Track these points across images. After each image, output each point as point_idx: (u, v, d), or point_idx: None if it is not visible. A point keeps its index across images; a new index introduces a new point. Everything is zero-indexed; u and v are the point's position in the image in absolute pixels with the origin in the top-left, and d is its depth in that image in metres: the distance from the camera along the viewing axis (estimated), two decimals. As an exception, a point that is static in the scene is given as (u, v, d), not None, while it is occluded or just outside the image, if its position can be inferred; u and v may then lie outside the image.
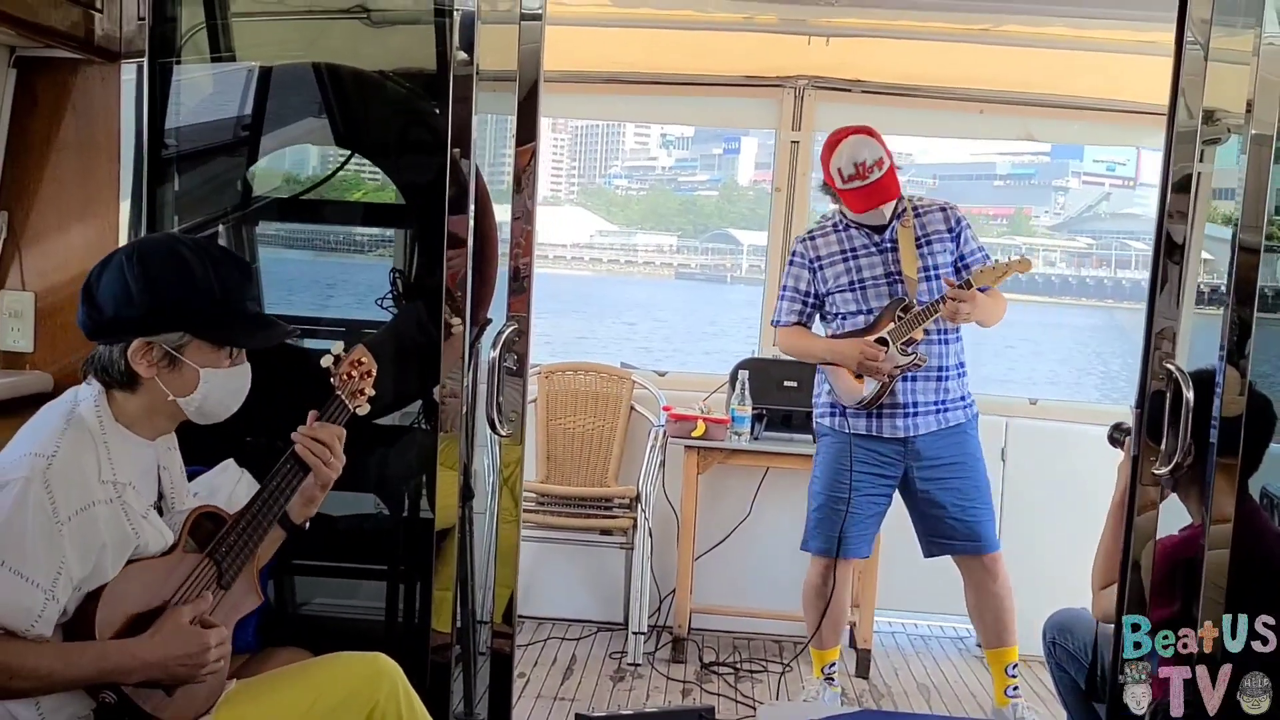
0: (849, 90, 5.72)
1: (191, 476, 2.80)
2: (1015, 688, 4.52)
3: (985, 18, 4.94)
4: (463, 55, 3.03)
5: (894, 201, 4.37)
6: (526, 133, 3.37)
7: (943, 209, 4.48)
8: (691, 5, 4.84)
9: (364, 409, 2.67)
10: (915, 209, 4.45)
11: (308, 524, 2.69)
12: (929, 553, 4.52)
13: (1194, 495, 3.12)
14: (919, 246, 4.40)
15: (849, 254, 4.46)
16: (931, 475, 4.43)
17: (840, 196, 4.39)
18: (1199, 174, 3.95)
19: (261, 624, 3.09)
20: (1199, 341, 3.46)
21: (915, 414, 4.39)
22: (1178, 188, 3.16)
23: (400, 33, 3.42)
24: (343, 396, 2.64)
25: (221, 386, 2.47)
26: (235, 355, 2.49)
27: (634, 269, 42.09)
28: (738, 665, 5.22)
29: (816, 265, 4.49)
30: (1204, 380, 3.07)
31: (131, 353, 2.37)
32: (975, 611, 4.55)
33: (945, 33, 5.22)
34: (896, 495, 4.53)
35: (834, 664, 4.74)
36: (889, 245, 4.41)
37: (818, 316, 4.58)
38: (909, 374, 4.35)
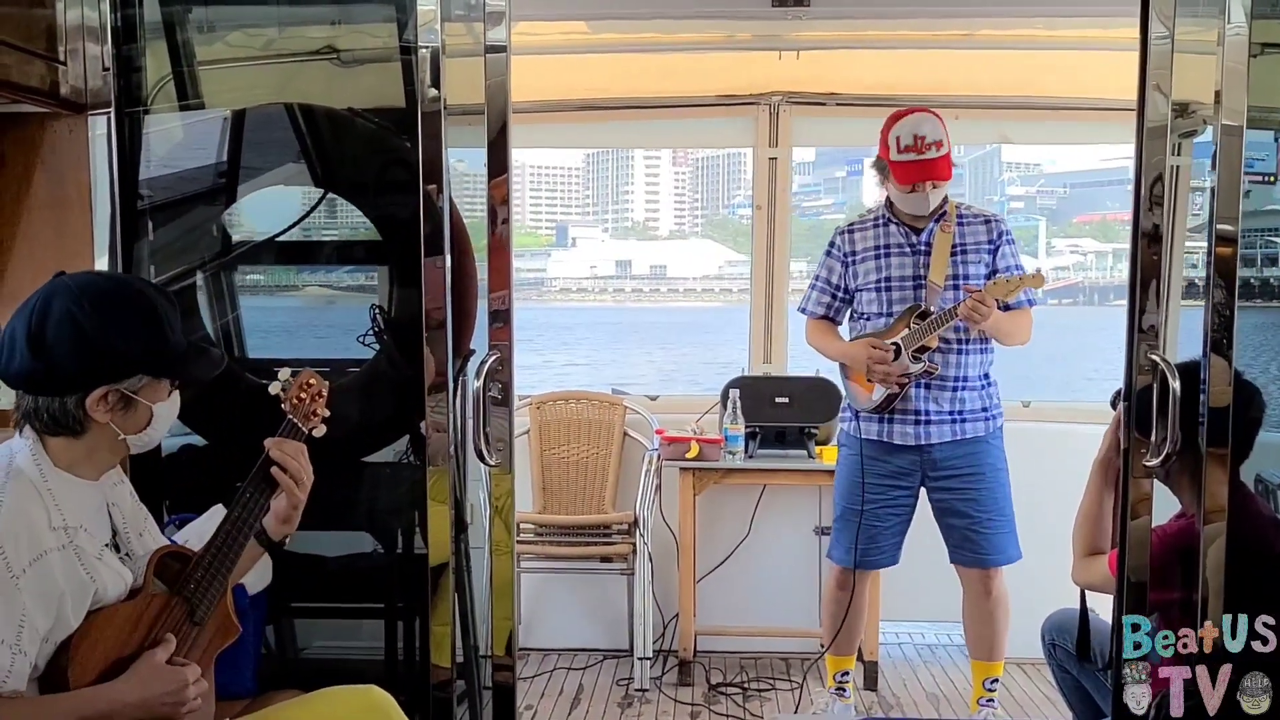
0: (824, 104, 5.75)
1: (181, 524, 2.80)
2: (990, 699, 4.50)
3: (958, 23, 4.94)
4: (431, 91, 3.03)
5: (941, 188, 4.29)
6: (498, 165, 3.36)
7: (988, 221, 4.37)
8: (658, 27, 4.84)
9: (319, 430, 2.63)
10: (960, 217, 4.36)
11: (287, 540, 2.66)
12: (954, 559, 4.43)
13: (1185, 484, 3.11)
14: (953, 254, 4.31)
15: (882, 251, 4.38)
16: (949, 485, 4.35)
17: (891, 169, 4.30)
18: (1176, 166, 3.94)
19: (260, 668, 3.09)
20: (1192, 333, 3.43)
21: (929, 422, 4.31)
22: (1153, 181, 3.16)
23: (371, 71, 3.42)
24: (295, 420, 2.61)
25: (166, 418, 2.45)
26: (173, 385, 2.46)
27: (765, 297, 41.85)
28: (745, 685, 5.20)
29: (851, 259, 4.44)
30: (1190, 372, 3.07)
31: (91, 402, 2.31)
32: (968, 621, 4.49)
33: (917, 40, 5.22)
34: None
35: (847, 673, 4.71)
36: (923, 248, 4.33)
37: (846, 314, 4.53)
38: (923, 381, 4.28)
